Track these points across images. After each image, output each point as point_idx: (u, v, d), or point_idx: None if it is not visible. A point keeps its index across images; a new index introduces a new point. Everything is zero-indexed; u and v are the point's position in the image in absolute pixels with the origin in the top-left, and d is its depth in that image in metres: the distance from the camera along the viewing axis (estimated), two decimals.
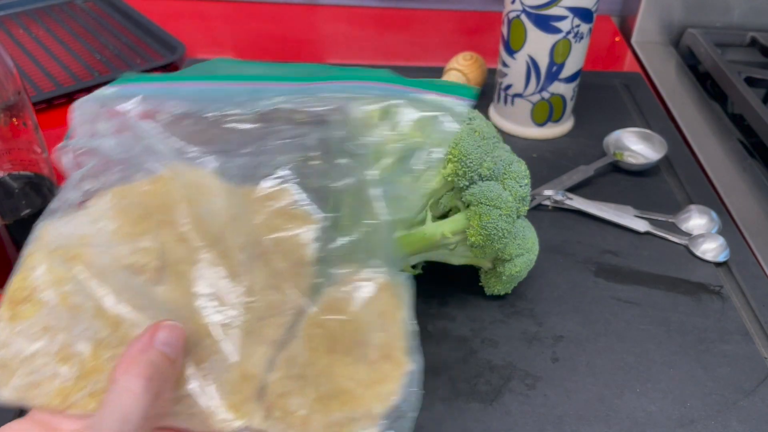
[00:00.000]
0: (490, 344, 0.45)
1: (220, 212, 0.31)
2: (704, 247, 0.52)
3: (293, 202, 0.31)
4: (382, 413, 0.29)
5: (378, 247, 0.31)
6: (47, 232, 0.31)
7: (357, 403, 0.29)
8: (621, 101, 0.72)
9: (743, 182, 0.61)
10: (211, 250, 0.30)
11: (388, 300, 0.31)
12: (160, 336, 0.27)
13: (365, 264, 0.31)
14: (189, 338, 0.28)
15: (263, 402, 0.29)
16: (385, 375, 0.30)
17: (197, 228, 0.31)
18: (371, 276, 0.31)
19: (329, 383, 0.29)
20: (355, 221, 0.31)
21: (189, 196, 0.31)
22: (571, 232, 0.54)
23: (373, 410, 0.29)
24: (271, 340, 0.29)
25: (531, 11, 0.58)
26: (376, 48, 0.82)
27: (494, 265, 0.45)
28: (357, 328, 0.30)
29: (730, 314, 0.47)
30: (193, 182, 0.31)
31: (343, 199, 0.32)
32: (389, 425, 0.29)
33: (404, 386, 0.30)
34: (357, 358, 0.30)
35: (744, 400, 0.41)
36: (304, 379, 0.29)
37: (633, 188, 0.59)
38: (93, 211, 0.32)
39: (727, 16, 0.82)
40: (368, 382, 0.30)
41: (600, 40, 0.86)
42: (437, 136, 0.35)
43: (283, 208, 0.31)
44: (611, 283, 0.49)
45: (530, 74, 0.62)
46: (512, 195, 0.42)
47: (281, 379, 0.29)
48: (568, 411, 0.41)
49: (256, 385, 0.29)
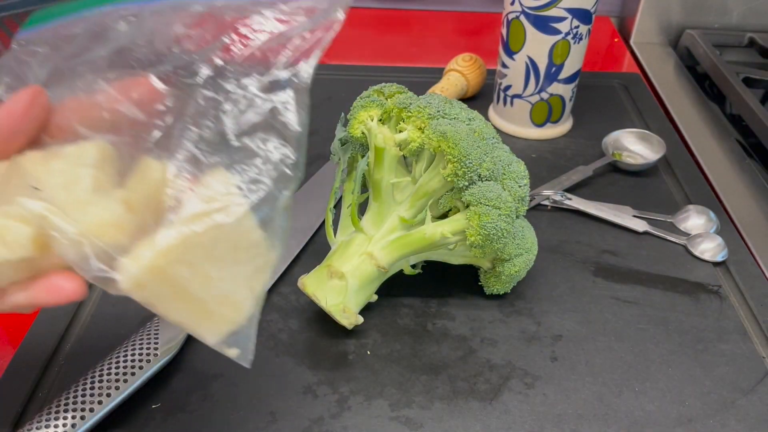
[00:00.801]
0: (490, 343, 0.45)
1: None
2: (702, 247, 0.52)
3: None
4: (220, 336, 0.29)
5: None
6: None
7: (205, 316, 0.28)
8: (620, 102, 0.72)
9: (741, 182, 0.61)
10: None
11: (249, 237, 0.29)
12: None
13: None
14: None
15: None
16: (222, 315, 0.29)
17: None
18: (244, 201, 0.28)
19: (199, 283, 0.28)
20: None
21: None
22: (570, 232, 0.54)
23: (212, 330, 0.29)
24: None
25: (530, 12, 0.58)
26: (376, 48, 0.82)
27: (493, 265, 0.46)
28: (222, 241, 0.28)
29: (729, 314, 0.47)
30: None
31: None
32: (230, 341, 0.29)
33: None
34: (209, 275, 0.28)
35: (742, 399, 0.42)
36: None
37: (631, 188, 0.59)
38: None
39: (725, 17, 0.82)
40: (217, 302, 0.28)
41: (599, 41, 0.86)
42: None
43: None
44: (610, 283, 0.50)
45: (529, 75, 0.62)
46: (511, 195, 0.42)
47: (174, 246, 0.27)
48: (567, 410, 0.41)
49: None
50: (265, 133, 0.28)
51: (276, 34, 0.29)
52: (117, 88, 0.29)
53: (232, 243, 0.28)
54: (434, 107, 0.43)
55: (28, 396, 0.40)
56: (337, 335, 0.45)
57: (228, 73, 0.29)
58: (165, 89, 0.29)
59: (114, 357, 0.39)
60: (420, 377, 0.42)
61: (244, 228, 0.28)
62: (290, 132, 0.28)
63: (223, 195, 0.27)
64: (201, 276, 0.27)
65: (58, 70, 0.31)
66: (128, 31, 0.31)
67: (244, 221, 0.27)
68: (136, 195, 0.28)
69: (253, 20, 0.29)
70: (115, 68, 0.30)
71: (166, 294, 0.27)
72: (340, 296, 0.42)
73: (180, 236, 0.26)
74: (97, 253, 0.26)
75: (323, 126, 0.63)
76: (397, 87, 0.47)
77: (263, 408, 0.40)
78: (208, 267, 0.27)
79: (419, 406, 0.41)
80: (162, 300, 0.27)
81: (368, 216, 0.44)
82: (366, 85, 0.49)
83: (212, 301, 0.28)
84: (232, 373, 0.42)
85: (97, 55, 0.30)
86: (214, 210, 0.27)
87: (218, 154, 0.28)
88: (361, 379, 0.42)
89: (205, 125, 0.28)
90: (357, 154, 0.47)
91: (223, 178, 0.27)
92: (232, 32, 0.29)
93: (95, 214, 0.27)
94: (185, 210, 0.27)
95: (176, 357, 0.42)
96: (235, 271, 0.28)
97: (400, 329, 0.45)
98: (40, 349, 0.43)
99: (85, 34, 0.31)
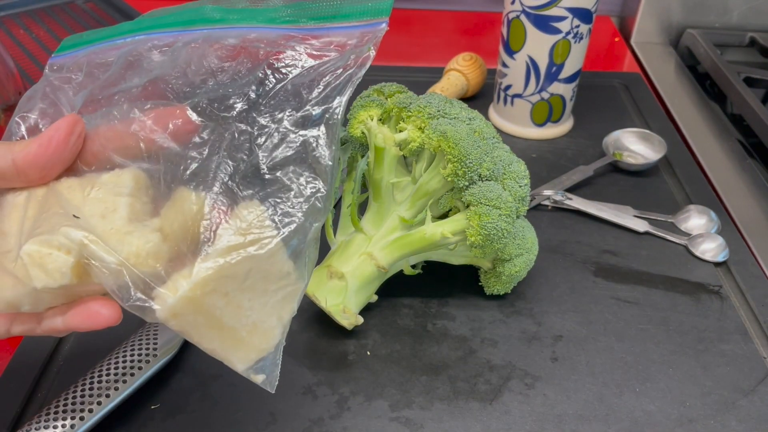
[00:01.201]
0: (490, 344, 0.45)
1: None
2: (703, 247, 0.52)
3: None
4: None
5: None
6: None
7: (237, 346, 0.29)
8: (620, 101, 0.72)
9: (742, 182, 0.61)
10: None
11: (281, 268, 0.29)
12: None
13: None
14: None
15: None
16: (251, 343, 0.30)
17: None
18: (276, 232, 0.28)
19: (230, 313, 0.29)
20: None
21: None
22: (571, 232, 0.54)
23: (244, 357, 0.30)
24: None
25: (531, 12, 0.58)
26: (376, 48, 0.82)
27: (494, 265, 0.46)
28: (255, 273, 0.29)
29: (729, 314, 0.47)
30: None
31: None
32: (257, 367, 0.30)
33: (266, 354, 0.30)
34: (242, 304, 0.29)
35: (743, 399, 0.42)
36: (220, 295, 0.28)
37: (632, 188, 0.59)
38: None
39: (726, 17, 0.82)
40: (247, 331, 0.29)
41: (599, 40, 0.86)
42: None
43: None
44: (610, 283, 0.50)
45: (530, 75, 0.62)
46: (512, 195, 0.42)
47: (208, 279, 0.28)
48: (568, 410, 0.41)
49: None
50: (298, 166, 0.29)
51: (308, 69, 0.30)
52: (153, 118, 0.29)
53: (263, 274, 0.28)
54: (434, 107, 0.43)
55: (26, 397, 0.40)
56: (337, 336, 0.45)
57: (262, 107, 0.29)
58: (200, 121, 0.29)
59: (113, 357, 0.39)
60: (420, 378, 0.42)
61: (275, 260, 0.28)
62: (321, 166, 0.29)
63: (257, 228, 0.28)
64: (233, 306, 0.28)
65: (93, 97, 0.31)
66: (163, 62, 0.31)
67: (276, 253, 0.28)
68: (172, 225, 0.28)
69: (287, 55, 0.30)
70: (150, 98, 0.30)
71: (200, 323, 0.28)
72: (339, 296, 0.42)
73: (216, 268, 0.27)
74: (136, 282, 0.27)
75: None
76: (397, 86, 0.47)
77: (263, 408, 0.40)
78: (240, 297, 0.28)
79: (419, 407, 0.40)
80: (196, 328, 0.28)
81: (368, 216, 0.44)
82: (366, 84, 0.49)
83: (243, 330, 0.29)
84: (232, 373, 0.42)
85: (132, 84, 0.31)
86: (248, 243, 0.28)
87: (252, 187, 0.28)
88: (361, 379, 0.42)
89: (239, 158, 0.29)
90: (357, 153, 0.47)
91: (256, 211, 0.28)
92: (266, 66, 0.30)
93: (134, 243, 0.28)
94: (220, 242, 0.27)
95: (176, 357, 0.42)
96: (265, 300, 0.29)
97: (400, 329, 0.45)
98: (39, 350, 0.43)
99: (120, 63, 0.32)
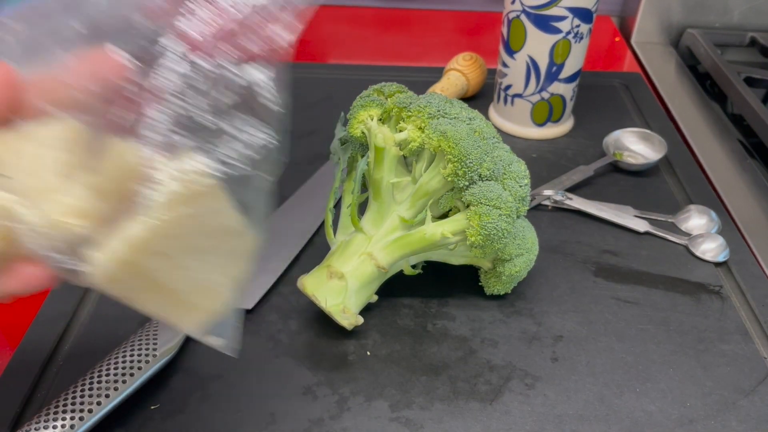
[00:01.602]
0: (490, 344, 0.45)
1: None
2: (704, 247, 0.52)
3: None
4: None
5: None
6: None
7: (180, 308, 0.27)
8: (621, 101, 0.72)
9: (743, 182, 0.61)
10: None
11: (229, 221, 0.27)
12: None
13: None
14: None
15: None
16: (199, 305, 0.28)
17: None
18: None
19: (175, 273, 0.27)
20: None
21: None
22: (571, 232, 0.54)
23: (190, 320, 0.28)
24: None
25: (531, 11, 0.58)
26: (376, 48, 0.82)
27: (494, 265, 0.46)
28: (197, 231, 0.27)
29: (730, 314, 0.47)
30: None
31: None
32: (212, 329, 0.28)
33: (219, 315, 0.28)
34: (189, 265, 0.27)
35: (743, 399, 0.42)
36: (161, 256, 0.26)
37: (633, 188, 0.59)
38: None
39: (726, 17, 0.82)
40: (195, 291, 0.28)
41: (600, 40, 0.86)
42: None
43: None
44: (611, 283, 0.50)
45: (530, 74, 0.62)
46: (512, 195, 0.42)
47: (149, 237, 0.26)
48: (568, 410, 0.41)
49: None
50: (244, 113, 0.27)
51: (252, 8, 0.27)
52: (87, 64, 0.27)
53: (206, 230, 0.26)
54: (434, 107, 0.43)
55: (26, 397, 0.40)
56: (337, 336, 0.45)
57: (204, 51, 0.27)
58: (138, 67, 0.26)
59: (113, 358, 0.39)
60: (420, 378, 0.42)
61: (220, 215, 0.26)
62: (271, 113, 0.27)
63: (198, 182, 0.25)
64: (175, 266, 0.26)
65: (32, 46, 0.28)
66: (99, 3, 0.28)
67: (220, 209, 0.26)
68: (107, 180, 0.26)
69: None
70: (87, 43, 0.27)
71: (141, 287, 0.26)
72: (339, 297, 0.42)
73: (153, 226, 0.25)
74: (64, 243, 0.25)
75: (323, 126, 0.63)
76: (397, 86, 0.47)
77: (263, 409, 0.40)
78: (183, 256, 0.26)
79: (419, 407, 0.40)
80: (137, 293, 0.26)
81: (368, 216, 0.44)
82: (366, 84, 0.49)
83: (189, 292, 0.27)
84: (232, 373, 0.42)
85: (68, 30, 0.28)
86: (189, 198, 0.25)
87: (193, 138, 0.26)
88: (360, 379, 0.42)
89: (180, 106, 0.26)
90: (357, 153, 0.47)
91: (197, 164, 0.26)
92: (205, 3, 0.27)
93: (62, 202, 0.25)
94: (158, 198, 0.25)
95: (175, 358, 0.42)
96: (210, 259, 0.27)
97: (400, 330, 0.45)
98: (39, 350, 0.43)
99: (59, 7, 0.28)
